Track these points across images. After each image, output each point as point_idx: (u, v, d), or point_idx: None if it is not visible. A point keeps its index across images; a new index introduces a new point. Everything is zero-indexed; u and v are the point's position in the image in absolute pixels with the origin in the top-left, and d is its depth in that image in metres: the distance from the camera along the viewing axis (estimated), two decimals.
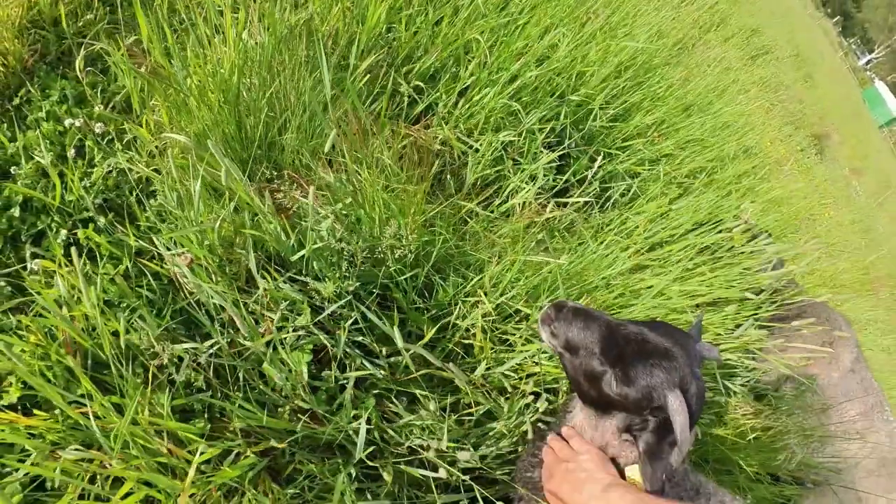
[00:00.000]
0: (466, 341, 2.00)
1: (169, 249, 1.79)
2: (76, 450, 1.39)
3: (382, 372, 1.82)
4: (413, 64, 2.50)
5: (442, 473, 1.61)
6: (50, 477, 1.35)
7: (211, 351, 1.64)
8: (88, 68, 2.18)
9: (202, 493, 1.45)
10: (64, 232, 1.90)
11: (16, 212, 1.87)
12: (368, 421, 1.75)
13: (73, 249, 1.60)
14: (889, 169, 23.26)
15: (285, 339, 1.67)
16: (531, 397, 1.89)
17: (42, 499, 1.45)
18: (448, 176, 2.39)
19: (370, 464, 1.68)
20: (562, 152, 2.60)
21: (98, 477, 1.42)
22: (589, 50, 2.80)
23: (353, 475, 1.62)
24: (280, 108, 2.16)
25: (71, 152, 2.01)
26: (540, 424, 1.83)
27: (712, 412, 2.48)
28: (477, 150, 2.40)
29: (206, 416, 1.64)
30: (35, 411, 1.51)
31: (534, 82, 2.59)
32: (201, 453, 1.40)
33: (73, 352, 1.57)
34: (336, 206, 1.84)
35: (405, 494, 1.72)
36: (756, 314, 2.47)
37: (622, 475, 1.40)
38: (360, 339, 1.82)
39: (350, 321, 1.74)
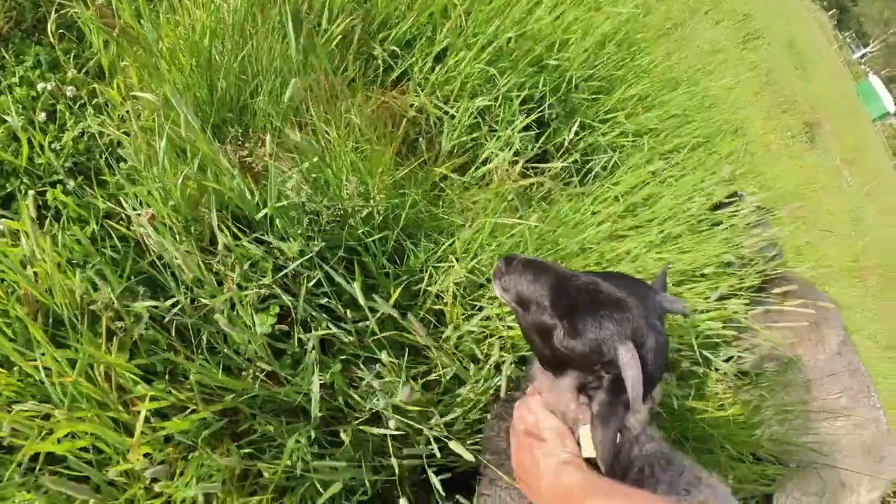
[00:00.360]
0: (437, 307, 1.97)
1: (135, 209, 1.77)
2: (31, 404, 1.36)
3: (350, 337, 1.79)
4: (389, 30, 2.46)
5: (392, 424, 1.57)
6: None
7: (174, 311, 1.61)
8: (62, 32, 2.15)
9: (157, 452, 1.43)
10: (32, 193, 1.88)
11: None
12: (333, 386, 1.73)
13: (28, 204, 1.56)
14: (881, 162, 23.34)
15: (247, 297, 1.63)
16: (500, 360, 1.86)
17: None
18: (422, 141, 2.35)
19: (332, 429, 1.66)
20: (539, 115, 2.55)
21: (54, 432, 1.39)
22: (570, 15, 2.76)
23: (313, 438, 1.58)
24: (252, 72, 2.13)
25: (41, 116, 1.98)
26: (512, 393, 1.79)
27: (691, 383, 2.45)
28: (453, 117, 2.36)
29: (167, 378, 1.61)
30: None
31: (512, 48, 2.54)
32: (151, 399, 1.37)
33: (35, 311, 1.54)
34: (302, 165, 1.80)
35: (365, 459, 1.67)
36: (740, 285, 2.45)
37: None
38: (325, 301, 1.79)
39: (313, 281, 1.70)
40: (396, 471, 1.56)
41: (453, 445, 1.48)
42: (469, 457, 1.49)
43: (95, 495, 1.27)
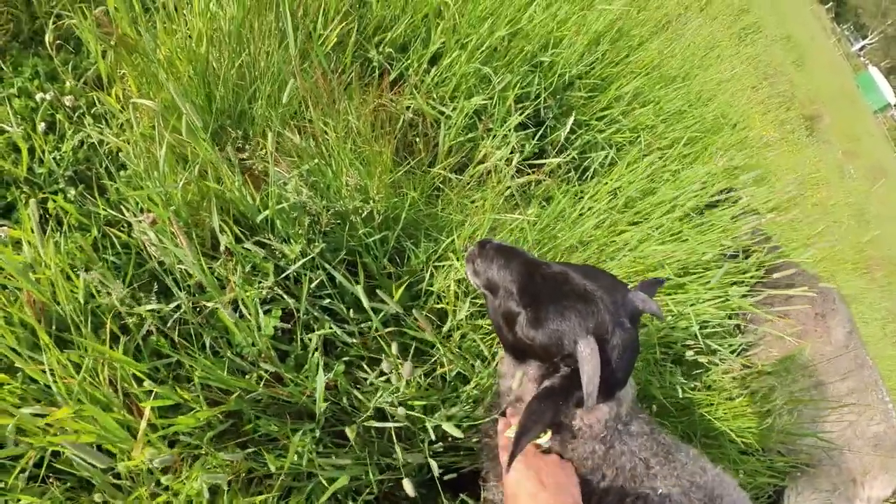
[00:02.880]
0: (440, 306, 1.97)
1: (135, 216, 1.78)
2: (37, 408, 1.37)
3: (353, 339, 1.80)
4: (384, 33, 2.47)
5: (400, 412, 1.57)
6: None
7: (176, 315, 1.62)
8: (59, 42, 2.17)
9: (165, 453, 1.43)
10: (34, 201, 1.89)
11: None
12: (337, 387, 1.73)
13: (31, 210, 1.57)
14: (883, 154, 23.30)
15: (249, 295, 1.64)
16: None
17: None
18: (419, 142, 2.36)
19: (338, 430, 1.66)
20: (535, 113, 2.57)
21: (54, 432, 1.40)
22: (563, 11, 2.77)
23: (318, 437, 1.59)
24: (250, 78, 2.14)
25: (41, 126, 2.00)
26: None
27: (695, 373, 2.45)
28: (449, 117, 2.37)
29: (171, 380, 1.62)
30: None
31: (506, 47, 2.56)
32: (155, 397, 1.37)
33: (39, 316, 1.55)
34: (302, 167, 1.81)
35: (371, 458, 1.68)
36: (742, 276, 2.45)
37: None
38: (327, 303, 1.80)
39: (315, 283, 1.71)
40: (400, 457, 1.55)
41: (446, 426, 1.47)
42: (457, 433, 1.47)
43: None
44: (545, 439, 1.25)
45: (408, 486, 1.40)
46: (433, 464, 1.52)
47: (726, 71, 4.45)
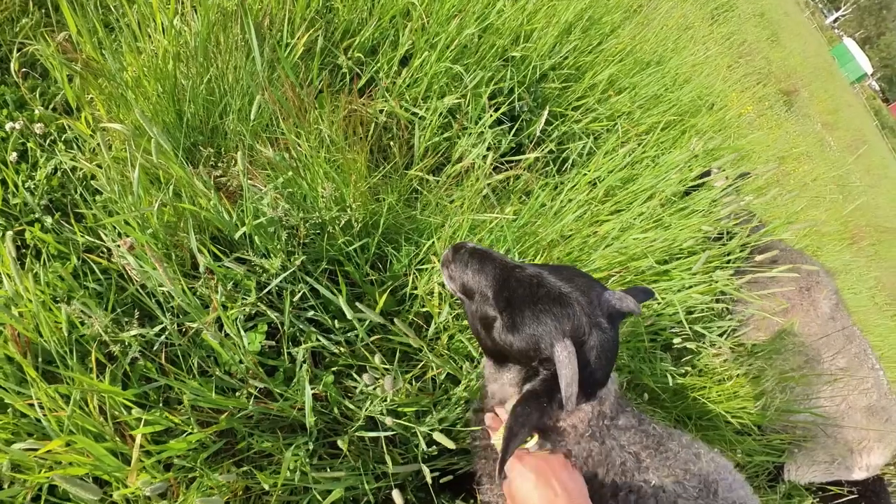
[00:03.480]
0: (425, 309, 1.97)
1: (114, 241, 1.76)
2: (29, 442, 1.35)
3: (340, 349, 1.79)
4: (352, 38, 2.46)
5: (388, 422, 1.56)
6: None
7: (161, 338, 1.61)
8: (26, 70, 2.14)
9: (157, 480, 1.42)
10: (9, 234, 1.87)
11: None
12: (327, 399, 1.73)
13: (8, 244, 1.56)
14: (863, 124, 23.47)
15: (231, 314, 1.63)
16: None
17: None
18: (394, 145, 2.35)
19: (331, 440, 1.65)
20: (510, 108, 2.56)
21: (53, 468, 1.39)
22: (530, 1, 2.76)
23: (312, 450, 1.58)
24: (219, 93, 2.13)
25: (12, 156, 1.97)
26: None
27: (684, 360, 2.45)
28: (423, 118, 2.36)
29: (161, 405, 1.61)
30: None
31: (476, 45, 2.55)
32: (146, 424, 1.36)
33: (24, 350, 1.53)
34: (277, 180, 1.80)
35: (366, 468, 1.67)
36: (726, 257, 2.45)
37: None
38: (312, 314, 1.79)
39: (298, 296, 1.70)
40: (391, 468, 1.55)
41: (437, 436, 1.47)
42: (450, 444, 1.47)
43: None
44: (532, 443, 1.25)
45: (397, 498, 1.40)
46: (426, 470, 1.52)
47: (700, 52, 4.46)
